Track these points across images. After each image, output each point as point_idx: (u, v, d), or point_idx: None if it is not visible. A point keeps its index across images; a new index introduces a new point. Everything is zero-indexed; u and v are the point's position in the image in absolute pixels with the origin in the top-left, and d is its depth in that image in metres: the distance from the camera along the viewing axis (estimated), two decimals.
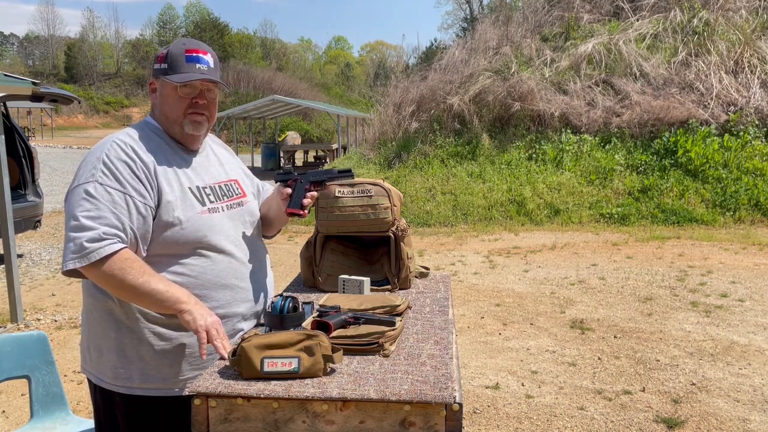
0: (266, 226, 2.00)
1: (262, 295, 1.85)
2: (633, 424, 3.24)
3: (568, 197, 10.30)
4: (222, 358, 1.52)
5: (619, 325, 4.87)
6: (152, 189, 1.63)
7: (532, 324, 4.94)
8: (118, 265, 1.53)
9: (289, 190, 1.86)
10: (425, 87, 13.47)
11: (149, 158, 1.65)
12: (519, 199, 10.33)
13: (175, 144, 1.76)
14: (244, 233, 1.82)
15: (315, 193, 1.88)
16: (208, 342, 1.55)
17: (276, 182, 1.93)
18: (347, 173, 1.93)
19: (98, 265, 1.52)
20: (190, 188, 1.71)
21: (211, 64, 1.73)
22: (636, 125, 11.31)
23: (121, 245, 1.55)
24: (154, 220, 1.63)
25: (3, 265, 5.95)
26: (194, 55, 1.70)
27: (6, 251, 5.00)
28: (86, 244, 1.51)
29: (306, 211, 1.84)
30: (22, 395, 3.64)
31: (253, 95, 35.91)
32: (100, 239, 1.52)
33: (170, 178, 1.67)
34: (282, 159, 21.35)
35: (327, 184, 1.92)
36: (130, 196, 1.59)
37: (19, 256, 7.42)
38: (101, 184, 1.57)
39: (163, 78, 1.70)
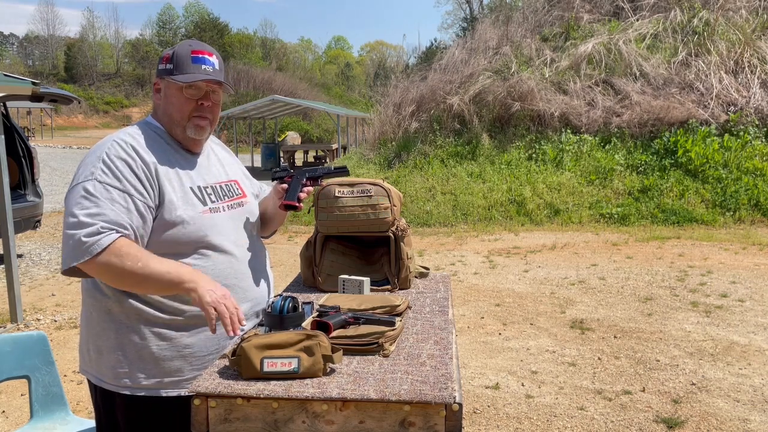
0: (263, 225, 2.02)
1: (261, 295, 1.85)
2: (633, 424, 3.24)
3: (568, 197, 10.30)
4: (234, 333, 1.52)
5: (619, 325, 4.87)
6: (153, 188, 1.63)
7: (532, 324, 4.94)
8: (115, 253, 1.51)
9: (286, 186, 1.89)
10: (425, 87, 13.47)
11: (150, 157, 1.65)
12: (519, 199, 10.33)
13: (177, 144, 1.76)
14: (244, 233, 1.83)
15: (311, 188, 1.92)
16: (217, 320, 1.52)
17: (273, 180, 1.96)
18: (343, 170, 1.98)
19: (97, 258, 1.50)
20: (191, 188, 1.71)
21: (216, 66, 1.74)
22: (636, 125, 11.31)
23: (118, 235, 1.53)
24: (155, 220, 1.63)
25: (3, 265, 5.94)
26: (200, 56, 1.71)
27: (6, 251, 5.00)
28: (84, 239, 1.50)
29: (302, 204, 1.87)
30: (22, 395, 3.64)
31: (253, 95, 35.89)
32: (97, 233, 1.51)
33: (171, 177, 1.68)
34: (282, 159, 21.35)
35: (322, 180, 1.96)
36: (130, 195, 1.59)
37: (19, 256, 7.41)
38: (100, 182, 1.57)
39: (168, 78, 1.70)
